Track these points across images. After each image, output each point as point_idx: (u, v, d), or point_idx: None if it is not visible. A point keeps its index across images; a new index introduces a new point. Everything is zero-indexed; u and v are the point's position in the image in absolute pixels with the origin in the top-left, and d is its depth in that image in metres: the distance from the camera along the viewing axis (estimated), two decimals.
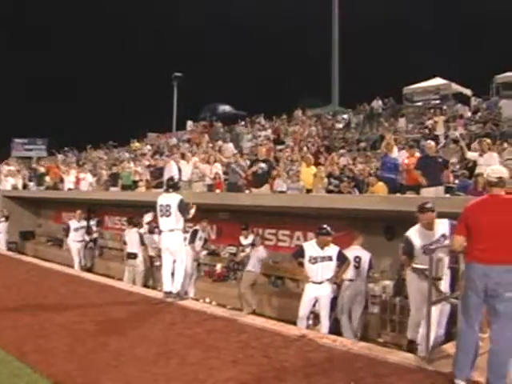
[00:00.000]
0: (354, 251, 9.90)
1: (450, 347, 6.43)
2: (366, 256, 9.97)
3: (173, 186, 9.88)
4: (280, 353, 6.37)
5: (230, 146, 22.03)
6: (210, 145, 24.41)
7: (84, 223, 16.91)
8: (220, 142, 23.66)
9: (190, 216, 9.77)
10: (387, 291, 10.65)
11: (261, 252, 12.17)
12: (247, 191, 14.08)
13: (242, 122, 31.47)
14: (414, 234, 7.09)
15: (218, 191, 15.13)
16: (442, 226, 6.94)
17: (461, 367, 5.29)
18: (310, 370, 5.77)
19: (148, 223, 14.47)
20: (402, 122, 25.91)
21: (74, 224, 16.45)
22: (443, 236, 6.84)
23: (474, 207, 5.28)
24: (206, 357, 6.27)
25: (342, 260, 8.94)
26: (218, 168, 16.34)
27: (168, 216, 9.49)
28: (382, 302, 10.43)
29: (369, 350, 6.45)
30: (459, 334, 5.43)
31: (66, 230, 16.58)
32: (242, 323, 7.88)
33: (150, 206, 16.06)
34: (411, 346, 7.30)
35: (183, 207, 9.47)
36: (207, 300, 12.51)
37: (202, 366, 5.98)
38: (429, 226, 7.00)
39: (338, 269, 8.95)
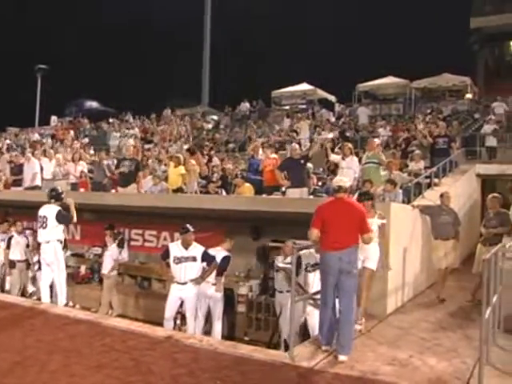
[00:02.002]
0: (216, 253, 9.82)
1: (312, 342, 6.74)
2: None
3: (55, 196, 9.36)
4: (146, 355, 6.27)
5: None
6: (76, 142, 23.48)
7: None
8: (86, 139, 22.88)
9: (74, 220, 9.32)
10: (253, 290, 10.87)
11: (114, 251, 11.88)
12: (113, 191, 13.72)
13: (110, 120, 30.63)
14: None
15: (82, 190, 14.59)
16: None
17: (324, 336, 6.39)
18: (176, 372, 5.73)
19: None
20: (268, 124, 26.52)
21: None
22: None
23: (325, 206, 6.54)
24: (68, 363, 6.01)
25: (207, 260, 8.94)
26: (83, 166, 15.75)
27: (44, 228, 9.08)
28: (248, 301, 10.62)
29: (235, 349, 6.52)
30: (320, 310, 6.53)
31: None
32: (106, 326, 7.63)
33: (11, 206, 15.31)
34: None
35: (62, 217, 9.07)
36: (70, 303, 12.02)
37: (63, 372, 5.72)
38: None
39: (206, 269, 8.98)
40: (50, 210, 9.13)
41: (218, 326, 9.16)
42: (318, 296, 6.73)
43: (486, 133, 17.48)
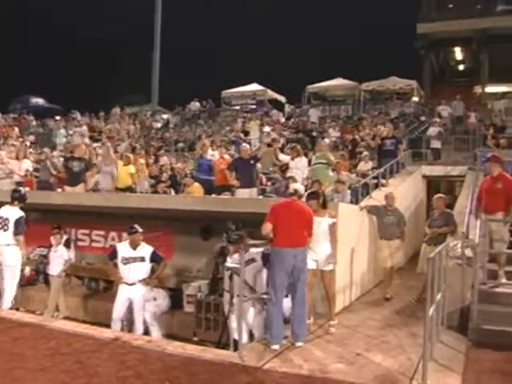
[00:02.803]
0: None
1: (260, 342, 6.77)
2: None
3: (18, 198, 9.07)
4: (93, 357, 6.15)
5: None
6: (21, 139, 22.82)
7: None
8: (31, 137, 22.26)
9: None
10: (202, 290, 10.82)
11: (62, 252, 11.64)
12: (59, 189, 13.40)
13: (57, 117, 29.91)
14: None
15: (27, 189, 14.17)
16: None
17: (274, 335, 6.49)
18: (124, 374, 5.63)
19: None
20: (218, 124, 26.50)
21: None
22: None
23: (281, 206, 6.83)
24: (10, 367, 5.81)
25: (156, 260, 8.85)
26: (27, 164, 15.33)
27: (6, 230, 8.78)
28: (197, 301, 10.55)
29: (183, 349, 6.48)
30: (269, 308, 6.66)
31: None
32: (51, 329, 7.43)
33: None
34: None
35: (20, 225, 8.80)
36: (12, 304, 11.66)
37: (4, 377, 5.52)
38: None
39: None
40: (12, 213, 8.86)
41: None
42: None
43: (431, 135, 17.92)
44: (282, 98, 32.49)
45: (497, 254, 8.29)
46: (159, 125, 28.73)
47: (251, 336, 7.65)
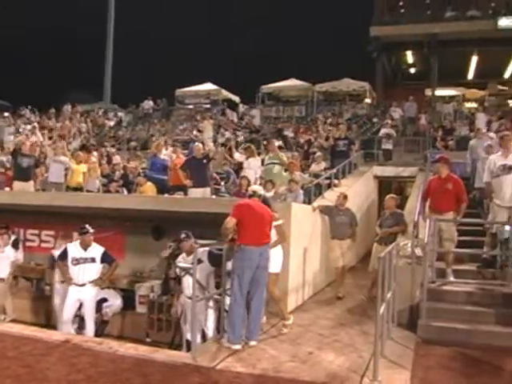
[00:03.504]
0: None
1: (214, 342, 6.75)
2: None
3: None
4: (41, 361, 6.01)
5: None
6: None
7: None
8: None
9: None
10: (155, 290, 10.71)
11: (10, 253, 11.31)
12: (7, 188, 13.04)
13: (5, 114, 29.06)
14: None
15: None
16: None
17: (236, 334, 6.44)
18: (73, 377, 5.53)
19: None
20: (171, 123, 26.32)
21: None
22: None
23: (246, 204, 6.80)
24: None
25: (107, 261, 8.70)
26: None
27: None
28: (149, 302, 10.45)
29: (135, 351, 6.40)
30: (232, 307, 6.54)
31: None
32: None
33: None
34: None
35: None
36: None
37: None
38: None
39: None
40: None
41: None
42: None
43: (383, 136, 18.23)
44: (237, 98, 32.48)
45: (445, 253, 8.50)
46: (112, 123, 28.29)
47: (204, 336, 7.62)
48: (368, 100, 30.09)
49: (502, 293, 7.78)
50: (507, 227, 8.32)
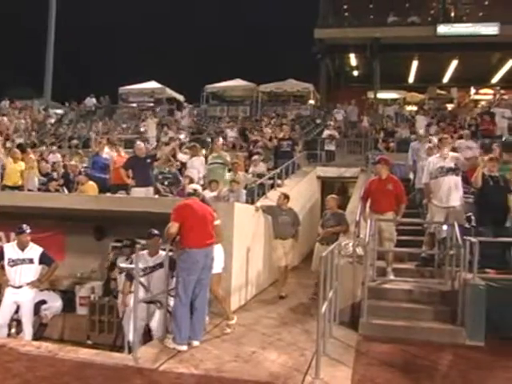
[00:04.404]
0: None
1: (156, 343, 6.68)
2: None
3: None
4: None
5: None
6: None
7: None
8: None
9: None
10: (96, 292, 10.53)
11: None
12: None
13: None
14: None
15: None
16: None
17: (183, 335, 6.39)
18: (9, 382, 5.34)
19: None
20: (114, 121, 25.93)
21: None
22: None
23: (186, 206, 6.71)
24: None
25: (46, 262, 8.42)
26: None
27: None
28: (90, 303, 10.26)
29: (76, 353, 6.25)
30: (178, 309, 6.49)
31: None
32: None
33: None
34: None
35: None
36: None
37: None
38: None
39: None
40: None
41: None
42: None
43: (326, 137, 18.49)
44: (181, 97, 32.28)
45: (385, 252, 8.70)
46: (53, 120, 27.61)
47: (150, 337, 7.52)
48: (312, 101, 30.45)
49: (440, 291, 8.04)
50: (444, 227, 8.61)
